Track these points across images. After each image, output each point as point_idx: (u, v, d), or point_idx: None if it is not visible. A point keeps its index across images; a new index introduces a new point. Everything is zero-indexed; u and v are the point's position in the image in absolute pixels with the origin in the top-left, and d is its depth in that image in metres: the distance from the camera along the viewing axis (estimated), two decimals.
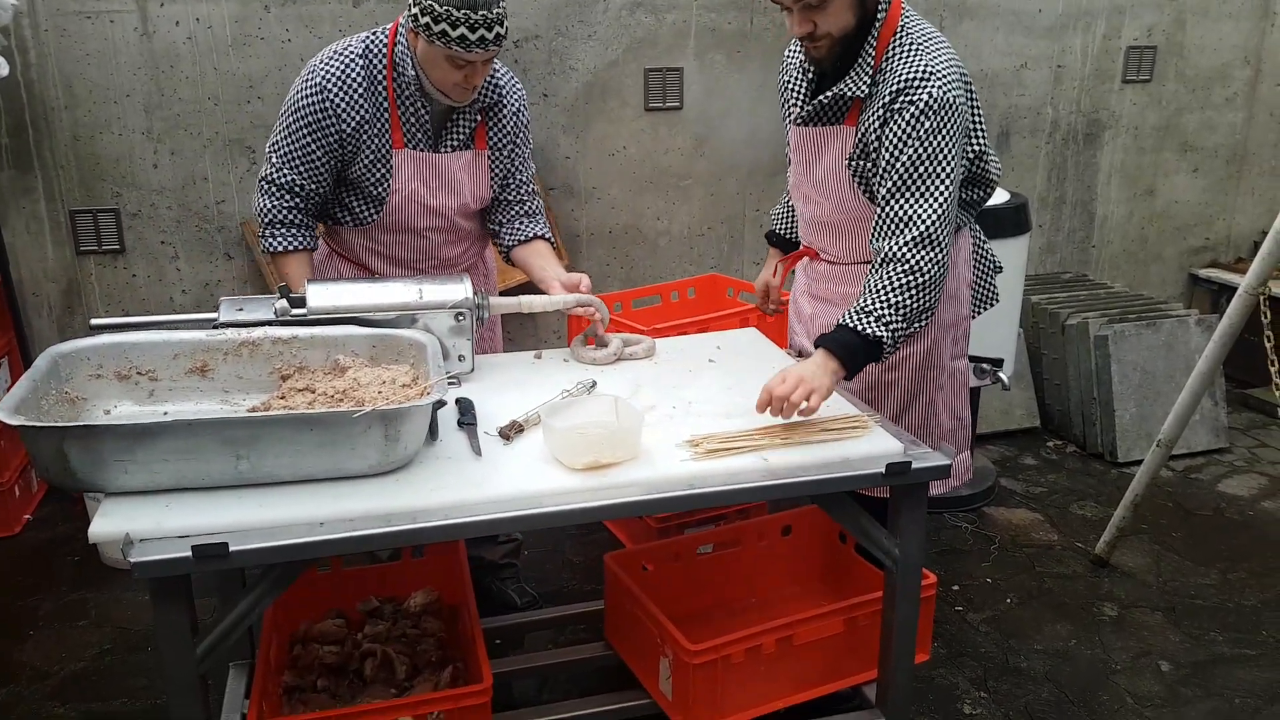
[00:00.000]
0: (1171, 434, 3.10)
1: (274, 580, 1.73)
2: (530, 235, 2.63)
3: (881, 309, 2.09)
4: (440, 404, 1.85)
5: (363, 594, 2.55)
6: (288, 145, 2.40)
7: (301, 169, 2.40)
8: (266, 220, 2.45)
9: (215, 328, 2.10)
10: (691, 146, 4.26)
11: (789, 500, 2.70)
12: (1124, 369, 4.08)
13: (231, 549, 1.59)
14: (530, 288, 2.60)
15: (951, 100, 2.10)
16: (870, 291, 2.12)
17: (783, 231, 2.76)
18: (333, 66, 2.36)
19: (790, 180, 2.53)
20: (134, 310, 3.83)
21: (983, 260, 2.55)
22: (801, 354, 2.56)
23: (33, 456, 1.65)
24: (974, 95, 2.26)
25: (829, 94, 2.24)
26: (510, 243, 2.64)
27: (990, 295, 2.58)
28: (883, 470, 1.90)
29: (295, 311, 2.16)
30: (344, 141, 2.38)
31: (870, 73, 2.18)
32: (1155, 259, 5.13)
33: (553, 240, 2.68)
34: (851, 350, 2.08)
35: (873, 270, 2.16)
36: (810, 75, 2.35)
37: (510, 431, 1.97)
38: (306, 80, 2.37)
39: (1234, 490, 3.87)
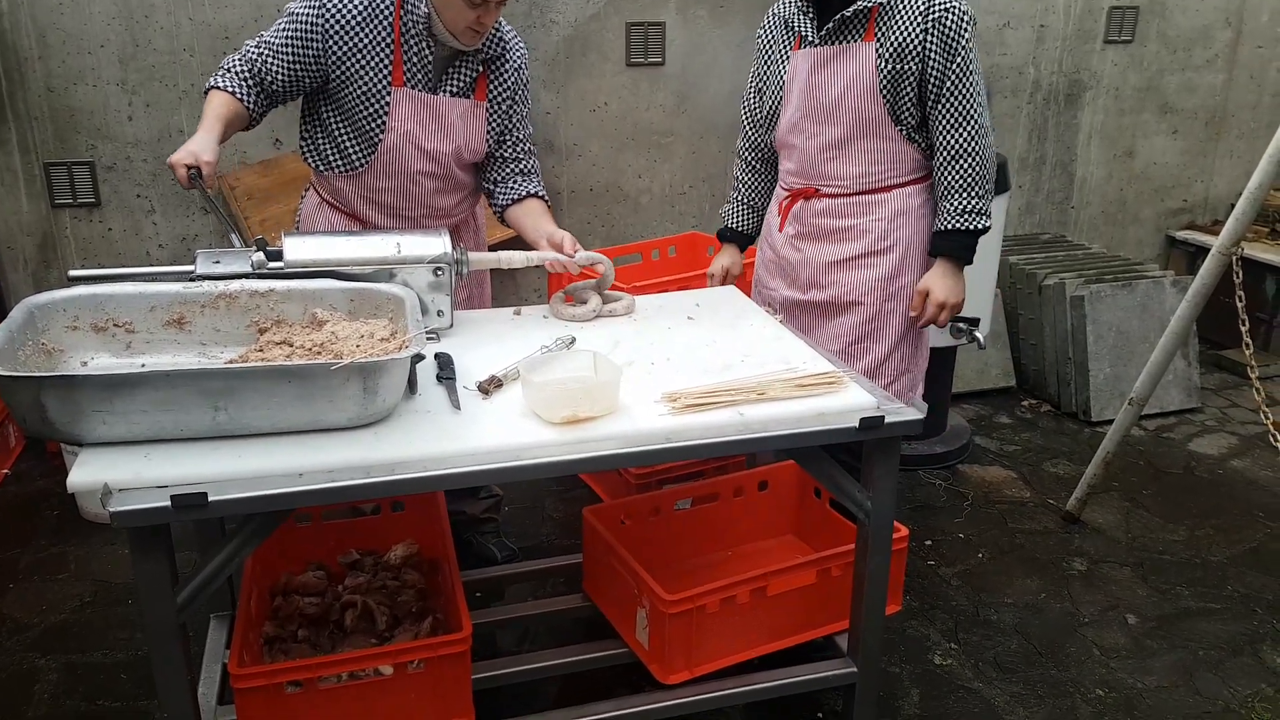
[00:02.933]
0: (1143, 392, 3.14)
1: (253, 530, 1.74)
2: (524, 194, 2.63)
3: (974, 201, 2.46)
4: (418, 358, 1.85)
5: (343, 547, 2.57)
6: (270, 37, 2.42)
7: (269, 60, 2.41)
8: (220, 69, 2.44)
9: (192, 280, 2.10)
10: (673, 103, 4.24)
11: (766, 455, 2.73)
12: (1099, 329, 4.13)
13: (210, 499, 1.60)
14: (517, 244, 2.60)
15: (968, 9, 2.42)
16: (957, 192, 2.47)
17: (738, 226, 2.86)
18: None
19: (784, 123, 2.59)
20: (110, 265, 3.81)
21: None
22: (782, 307, 2.62)
23: (10, 406, 1.65)
24: None
25: (851, 9, 2.40)
26: (504, 202, 2.64)
27: None
28: (856, 425, 1.93)
29: (272, 265, 2.15)
30: (324, 63, 2.40)
31: None
32: (1133, 220, 5.16)
33: (547, 199, 2.67)
34: (968, 247, 2.51)
35: (947, 166, 2.47)
36: (809, 10, 2.50)
37: (489, 386, 1.98)
38: None
39: (1204, 449, 3.93)
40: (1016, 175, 4.81)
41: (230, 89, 2.40)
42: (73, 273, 2.11)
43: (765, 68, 2.66)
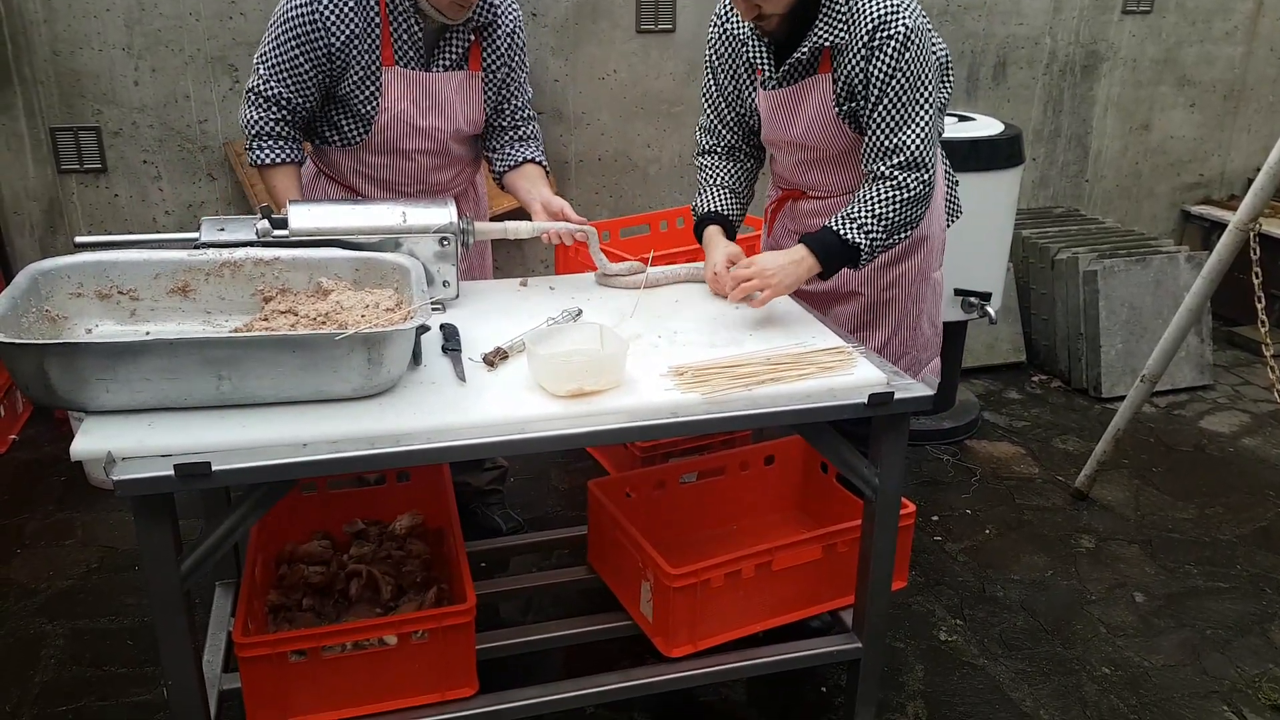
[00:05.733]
0: (1156, 369, 3.12)
1: (257, 500, 1.74)
2: (521, 159, 2.61)
3: (865, 218, 2.23)
4: (424, 329, 1.84)
5: (348, 516, 2.57)
6: (275, 57, 2.35)
7: (289, 82, 2.36)
8: (254, 132, 2.41)
9: (197, 248, 2.08)
10: (684, 72, 4.19)
11: (772, 430, 2.71)
12: (1112, 305, 4.09)
13: (214, 468, 1.59)
14: (522, 214, 2.58)
15: (922, 27, 2.20)
16: (858, 202, 2.26)
17: (725, 213, 2.55)
18: None
19: (762, 135, 2.52)
20: (117, 231, 3.79)
21: (948, 176, 2.67)
22: None
23: (14, 374, 1.64)
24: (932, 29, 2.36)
25: (805, 49, 2.26)
26: (502, 169, 2.62)
27: (956, 209, 2.71)
28: (865, 400, 1.91)
29: (277, 233, 2.13)
30: (333, 56, 2.35)
31: (845, 17, 2.21)
32: (1148, 195, 5.10)
33: (545, 164, 2.65)
34: (829, 250, 2.24)
35: (863, 185, 2.29)
36: (767, 41, 2.35)
37: (494, 358, 1.97)
38: None
39: (1216, 427, 3.90)
40: (1030, 148, 4.75)
41: (283, 160, 2.43)
42: (79, 239, 2.10)
43: (730, 83, 2.48)
